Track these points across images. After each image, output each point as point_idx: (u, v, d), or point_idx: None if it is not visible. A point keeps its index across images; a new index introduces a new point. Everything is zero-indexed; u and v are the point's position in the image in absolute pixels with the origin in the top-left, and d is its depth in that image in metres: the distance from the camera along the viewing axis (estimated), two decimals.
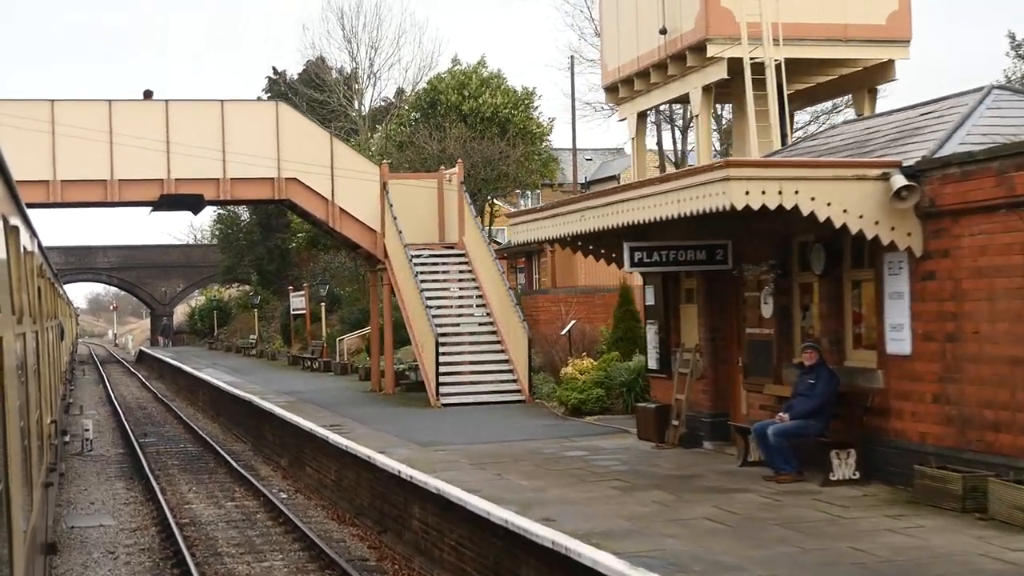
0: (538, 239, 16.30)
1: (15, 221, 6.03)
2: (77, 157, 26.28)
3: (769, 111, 24.59)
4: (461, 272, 27.64)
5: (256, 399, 27.46)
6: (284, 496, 20.77)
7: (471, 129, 40.48)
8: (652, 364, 17.56)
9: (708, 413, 16.34)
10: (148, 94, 27.86)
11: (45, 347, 11.23)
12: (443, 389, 24.01)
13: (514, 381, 24.70)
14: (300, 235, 49.48)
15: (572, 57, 46.68)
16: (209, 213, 79.68)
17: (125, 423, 34.82)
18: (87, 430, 28.79)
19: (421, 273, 26.33)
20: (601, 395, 20.17)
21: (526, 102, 43.42)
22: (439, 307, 25.88)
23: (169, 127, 26.78)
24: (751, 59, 24.52)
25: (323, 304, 42.76)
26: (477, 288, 26.94)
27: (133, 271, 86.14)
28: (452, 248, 28.21)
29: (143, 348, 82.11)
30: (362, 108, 55.44)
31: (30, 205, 10.10)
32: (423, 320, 24.97)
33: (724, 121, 44.83)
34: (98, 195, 26.78)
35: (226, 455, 25.99)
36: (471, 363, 25.26)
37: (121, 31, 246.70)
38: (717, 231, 14.73)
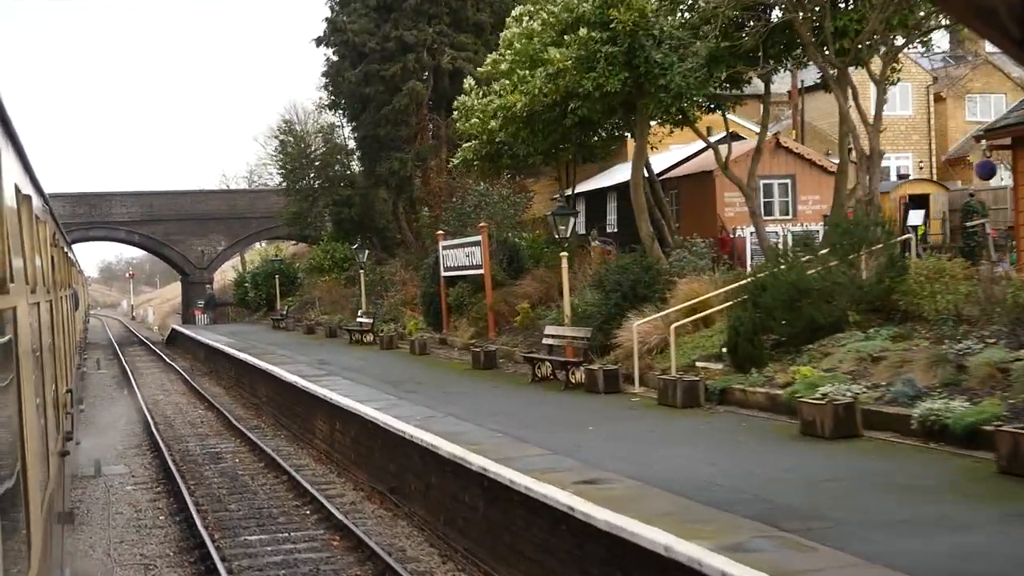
0: None
1: (27, 190, 6.11)
2: None
3: None
4: None
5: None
6: None
7: None
8: None
9: None
10: None
11: (59, 316, 10.90)
12: None
13: None
14: (467, 144, 28.86)
15: None
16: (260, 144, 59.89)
17: (199, 524, 14.81)
18: None
19: None
20: None
21: None
22: None
23: None
24: None
25: (565, 255, 21.67)
26: None
27: (159, 225, 64.06)
28: None
29: (176, 327, 61.67)
30: None
31: None
32: None
33: None
34: None
35: None
36: None
37: None
38: None
